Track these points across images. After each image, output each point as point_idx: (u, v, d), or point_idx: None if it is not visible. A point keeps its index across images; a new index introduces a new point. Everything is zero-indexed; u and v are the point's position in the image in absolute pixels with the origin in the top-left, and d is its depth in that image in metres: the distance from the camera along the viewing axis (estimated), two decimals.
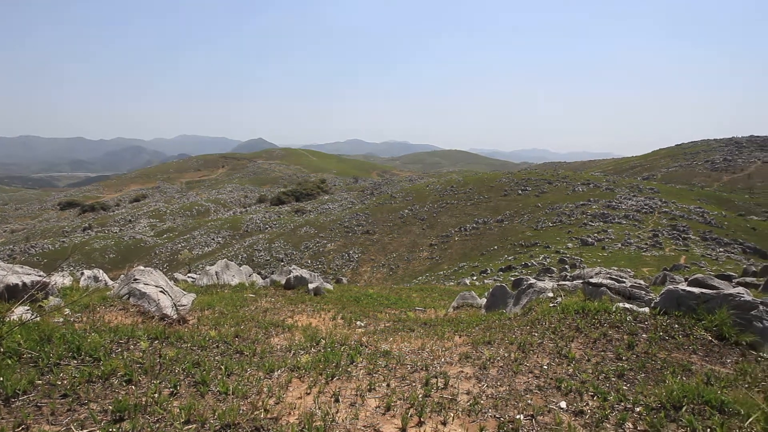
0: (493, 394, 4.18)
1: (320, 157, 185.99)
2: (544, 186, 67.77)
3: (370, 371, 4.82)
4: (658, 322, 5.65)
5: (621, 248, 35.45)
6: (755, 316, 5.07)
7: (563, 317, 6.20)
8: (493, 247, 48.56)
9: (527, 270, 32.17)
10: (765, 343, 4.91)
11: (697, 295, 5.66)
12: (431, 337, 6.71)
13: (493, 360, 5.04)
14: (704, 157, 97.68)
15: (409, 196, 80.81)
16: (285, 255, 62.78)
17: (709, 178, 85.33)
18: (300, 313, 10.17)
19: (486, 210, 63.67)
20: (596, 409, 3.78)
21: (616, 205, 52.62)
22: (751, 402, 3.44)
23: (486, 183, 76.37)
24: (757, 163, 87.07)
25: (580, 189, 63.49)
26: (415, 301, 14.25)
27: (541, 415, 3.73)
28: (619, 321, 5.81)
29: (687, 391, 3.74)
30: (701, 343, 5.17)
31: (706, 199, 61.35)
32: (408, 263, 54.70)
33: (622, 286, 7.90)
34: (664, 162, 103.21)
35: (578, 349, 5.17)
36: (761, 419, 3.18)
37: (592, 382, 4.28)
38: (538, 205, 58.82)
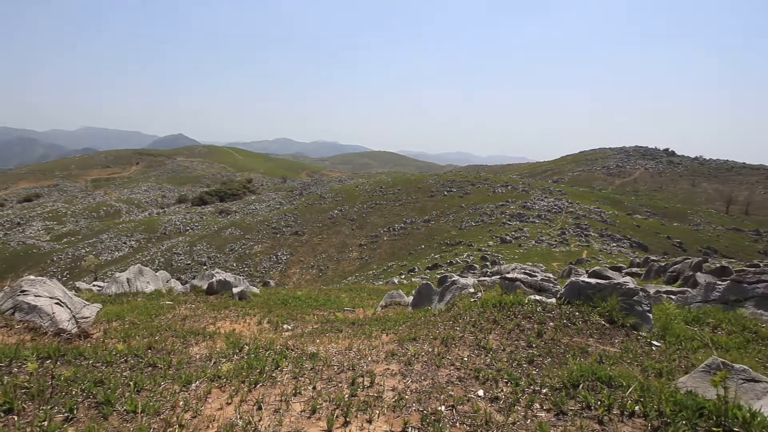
0: (417, 388, 4.33)
1: (247, 155, 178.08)
2: (468, 187, 71.48)
3: (295, 375, 4.73)
4: (563, 311, 6.25)
5: (535, 245, 38.61)
6: (636, 301, 5.83)
7: (482, 311, 6.60)
8: (421, 246, 50.16)
9: (452, 267, 33.71)
10: (644, 324, 5.67)
11: (594, 285, 6.36)
12: (359, 337, 6.76)
13: (418, 356, 5.22)
14: (602, 163, 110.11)
15: (338, 196, 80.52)
16: (208, 258, 59.14)
17: (605, 181, 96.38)
18: (223, 319, 9.66)
19: (414, 210, 65.56)
20: (509, 394, 4.08)
21: (531, 205, 57.18)
22: (631, 375, 3.96)
23: (414, 184, 78.63)
24: (641, 169, 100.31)
25: (500, 190, 67.97)
26: (344, 302, 14.25)
27: (461, 405, 3.94)
28: (531, 312, 6.32)
29: (583, 371, 4.19)
30: (596, 327, 5.82)
31: (603, 200, 69.13)
32: (338, 264, 54.48)
33: (533, 280, 8.61)
34: (570, 167, 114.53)
35: (495, 340, 5.55)
36: (637, 389, 3.68)
37: (507, 369, 4.61)
38: (462, 206, 61.91)
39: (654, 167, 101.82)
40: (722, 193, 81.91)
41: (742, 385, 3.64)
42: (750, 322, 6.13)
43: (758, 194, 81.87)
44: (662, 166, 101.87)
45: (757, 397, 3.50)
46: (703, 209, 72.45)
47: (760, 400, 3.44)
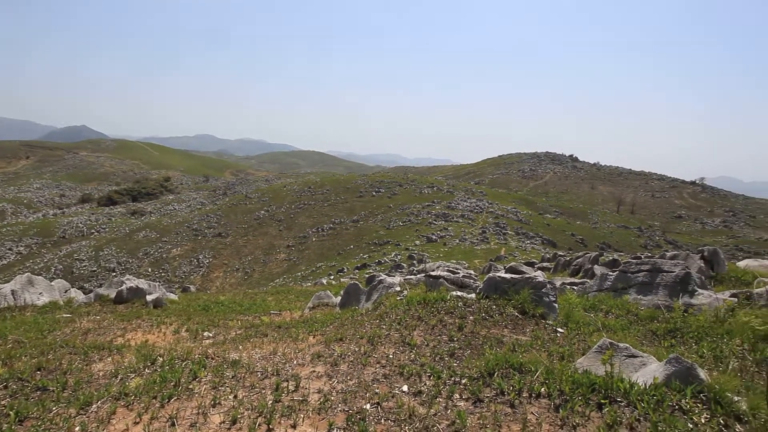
0: (343, 388, 4.34)
1: (163, 152, 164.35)
2: (396, 188, 73.05)
3: (215, 385, 4.49)
4: (482, 305, 6.66)
5: (458, 243, 40.60)
6: (545, 293, 6.41)
7: (408, 309, 6.81)
8: (350, 246, 50.24)
9: (381, 267, 34.23)
10: (551, 313, 6.26)
11: (509, 280, 6.87)
12: (285, 340, 6.61)
13: (345, 356, 5.24)
14: (517, 166, 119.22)
15: (265, 196, 77.73)
16: (118, 264, 53.68)
17: (521, 183, 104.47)
18: (134, 330, 8.85)
19: (342, 210, 65.46)
20: (432, 387, 4.26)
21: (455, 206, 60.02)
22: (538, 360, 4.36)
23: (343, 184, 78.51)
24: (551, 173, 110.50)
25: (426, 191, 70.41)
26: (271, 305, 13.81)
27: (386, 401, 4.03)
28: (453, 307, 6.65)
29: (498, 360, 4.51)
30: (511, 318, 6.30)
31: (519, 201, 74.81)
32: (264, 266, 52.60)
33: (456, 277, 9.05)
34: (490, 169, 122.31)
35: (419, 336, 5.75)
36: (543, 372, 4.07)
37: (430, 364, 4.81)
38: (390, 206, 63.12)
39: (561, 171, 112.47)
40: (614, 195, 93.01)
41: (624, 360, 4.18)
42: (632, 306, 7.05)
43: (640, 196, 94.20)
44: (568, 171, 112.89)
45: (636, 369, 4.04)
46: (599, 209, 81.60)
47: (638, 372, 3.98)
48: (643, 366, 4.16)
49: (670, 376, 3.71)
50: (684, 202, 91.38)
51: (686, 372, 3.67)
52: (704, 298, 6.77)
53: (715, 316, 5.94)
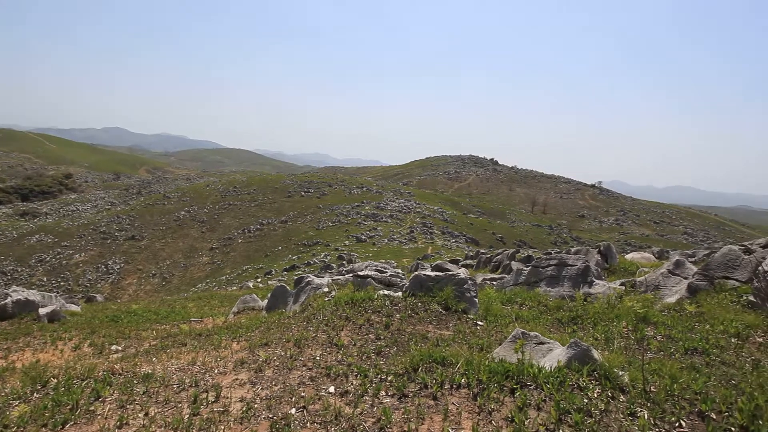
0: (267, 395, 4.21)
1: (63, 145, 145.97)
2: (325, 189, 72.40)
3: (122, 404, 4.10)
4: (408, 303, 6.86)
5: (387, 243, 41.34)
6: (466, 289, 6.78)
7: (335, 309, 6.80)
8: (278, 247, 48.82)
9: (310, 268, 33.71)
10: (472, 308, 6.63)
11: (433, 278, 7.15)
12: (205, 349, 6.24)
13: (270, 361, 5.08)
14: (443, 168, 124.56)
15: (186, 196, 72.60)
16: (2, 273, 46.65)
17: (446, 185, 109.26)
18: (22, 349, 7.79)
19: (270, 211, 63.38)
20: (359, 386, 4.30)
21: (384, 206, 61.00)
22: (459, 353, 4.60)
23: (270, 184, 76.03)
24: (474, 175, 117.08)
25: (356, 192, 70.68)
26: (191, 312, 12.95)
27: (312, 404, 3.99)
28: (380, 306, 6.77)
29: (423, 355, 4.68)
30: (435, 314, 6.57)
31: (445, 201, 78.15)
32: (185, 270, 49.14)
33: (383, 276, 9.21)
34: (418, 171, 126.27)
35: (347, 336, 5.77)
36: (464, 364, 4.31)
37: (357, 363, 4.84)
38: (320, 206, 62.40)
39: (483, 174, 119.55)
40: (529, 197, 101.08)
41: (534, 347, 4.57)
42: (543, 297, 7.74)
43: (551, 197, 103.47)
44: (489, 173, 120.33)
45: (543, 355, 4.44)
46: (516, 209, 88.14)
47: (545, 357, 4.38)
48: (550, 351, 4.57)
49: (571, 358, 4.13)
50: (586, 202, 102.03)
51: (584, 354, 4.11)
52: (600, 288, 7.63)
53: (607, 303, 6.73)
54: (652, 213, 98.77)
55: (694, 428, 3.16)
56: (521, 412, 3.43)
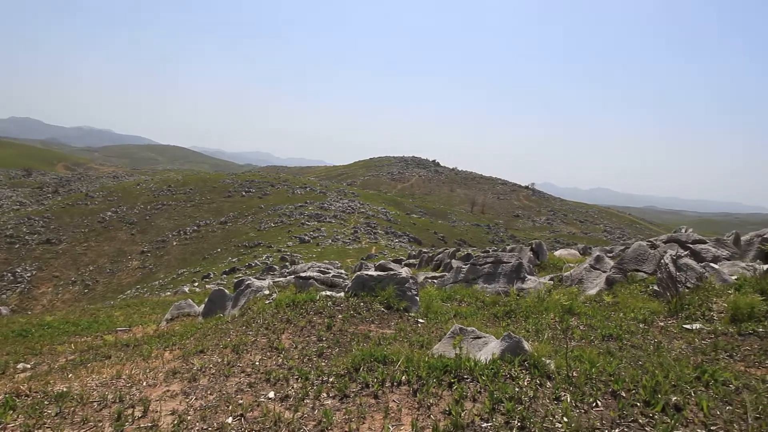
0: (202, 405, 4.01)
1: None
2: (267, 188, 70.31)
3: (29, 428, 3.69)
4: (350, 303, 6.87)
5: (331, 244, 41.02)
6: (408, 287, 6.93)
7: (276, 312, 6.64)
8: (217, 249, 46.63)
9: (251, 270, 32.58)
10: (413, 306, 6.79)
11: (375, 277, 7.22)
12: (133, 360, 5.81)
13: (205, 369, 4.85)
14: (387, 169, 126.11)
15: (113, 195, 66.95)
16: None
17: (390, 185, 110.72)
18: None
19: (209, 211, 60.36)
20: (299, 389, 4.23)
21: (328, 206, 60.46)
22: (400, 351, 4.70)
23: (209, 183, 72.42)
24: (416, 176, 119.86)
25: (299, 192, 69.40)
26: (118, 321, 11.98)
27: (251, 411, 3.86)
28: (322, 307, 6.71)
29: (365, 354, 4.71)
30: (377, 314, 6.63)
31: (388, 201, 79.10)
32: (111, 276, 45.31)
33: (326, 276, 9.14)
34: (362, 171, 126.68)
35: (288, 339, 5.66)
36: (404, 362, 4.40)
37: (298, 366, 4.77)
38: (262, 207, 60.49)
39: (425, 175, 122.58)
40: (469, 197, 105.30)
41: (471, 342, 4.78)
42: (480, 294, 8.11)
43: (489, 198, 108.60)
44: (431, 174, 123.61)
45: (480, 348, 4.67)
46: (457, 210, 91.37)
47: (481, 351, 4.60)
48: (486, 345, 4.81)
49: (504, 350, 4.37)
50: (521, 203, 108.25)
51: (516, 346, 4.37)
52: (532, 283, 8.14)
53: (538, 297, 7.21)
54: (577, 213, 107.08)
55: (608, 406, 3.48)
56: (458, 405, 3.57)
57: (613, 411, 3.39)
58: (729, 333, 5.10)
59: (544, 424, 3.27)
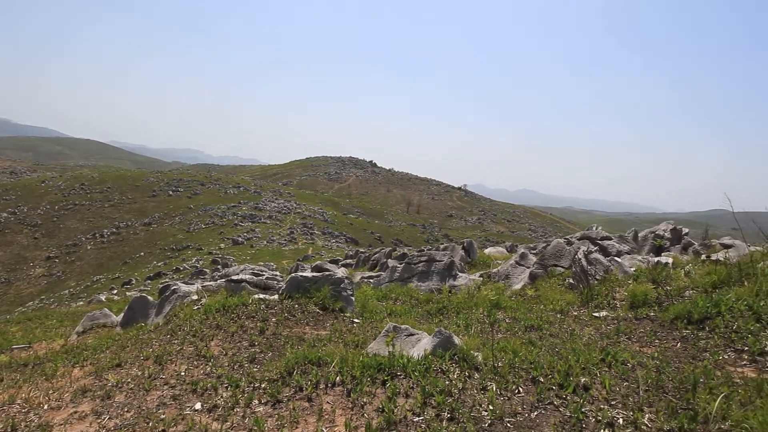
0: (116, 425, 3.69)
1: None
2: (197, 188, 66.43)
3: None
4: (284, 306, 6.71)
5: (266, 245, 39.75)
6: (343, 288, 6.92)
7: (205, 318, 6.30)
8: (140, 253, 43.13)
9: (179, 275, 30.59)
10: (348, 306, 6.80)
11: (310, 279, 7.12)
12: (32, 381, 5.18)
13: (122, 384, 4.47)
14: (324, 169, 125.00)
15: (11, 194, 59.15)
16: None
17: (327, 186, 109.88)
18: None
19: (130, 212, 55.62)
20: (229, 398, 4.05)
21: (262, 206, 58.51)
22: (335, 352, 4.68)
23: (130, 182, 66.75)
24: (353, 176, 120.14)
25: (232, 192, 66.38)
26: (15, 338, 10.61)
27: (174, 426, 3.63)
28: (255, 311, 6.48)
29: (298, 357, 4.63)
30: (312, 315, 6.55)
31: (325, 202, 78.40)
32: (8, 286, 40.04)
33: (260, 279, 8.84)
34: (298, 171, 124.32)
35: (217, 347, 5.39)
36: (338, 362, 4.40)
37: (228, 374, 4.56)
38: (191, 207, 57.00)
39: (362, 175, 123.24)
40: (405, 198, 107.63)
41: (405, 339, 4.90)
42: (415, 292, 8.33)
43: (424, 198, 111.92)
44: (368, 175, 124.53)
45: (413, 345, 4.80)
46: (393, 210, 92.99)
47: (414, 347, 4.73)
48: (419, 341, 4.95)
49: (436, 346, 4.53)
50: (454, 203, 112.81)
51: (446, 341, 4.55)
52: (463, 280, 8.52)
53: (468, 293, 7.56)
54: (505, 212, 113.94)
55: (528, 392, 3.75)
56: (391, 401, 3.64)
57: (532, 396, 3.66)
58: (628, 318, 5.75)
59: (471, 413, 3.44)
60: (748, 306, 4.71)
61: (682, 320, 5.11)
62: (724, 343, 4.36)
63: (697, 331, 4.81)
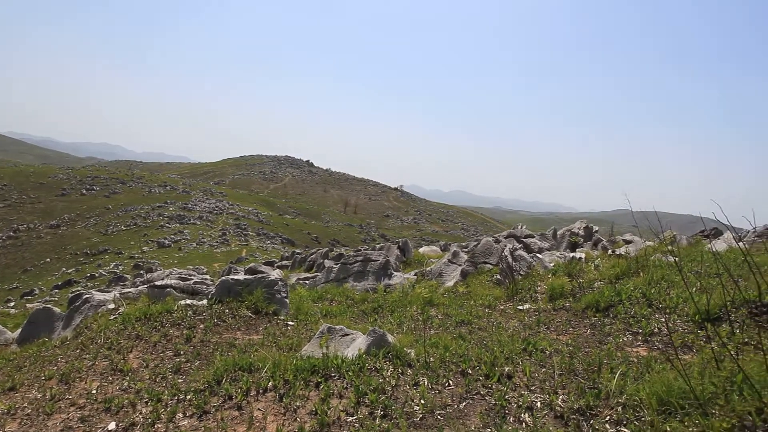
0: None
1: None
2: (117, 186, 60.93)
3: None
4: (214, 311, 6.38)
5: (196, 247, 37.49)
6: (277, 290, 6.74)
7: (123, 328, 5.81)
8: (45, 259, 38.57)
9: (95, 282, 27.84)
10: (282, 309, 6.64)
11: (242, 282, 6.85)
12: None
13: (15, 410, 3.97)
14: (259, 168, 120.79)
15: None
16: None
17: (262, 185, 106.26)
18: None
19: (33, 213, 49.51)
20: (149, 414, 3.77)
21: (192, 207, 55.10)
22: (267, 356, 4.54)
23: (33, 178, 59.44)
24: (290, 176, 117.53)
25: (158, 191, 61.77)
26: None
27: None
28: (181, 318, 6.10)
29: (228, 364, 4.43)
30: (244, 320, 6.30)
31: (260, 202, 75.80)
32: None
33: (187, 284, 8.33)
34: (231, 170, 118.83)
35: (137, 359, 4.99)
36: (271, 367, 4.28)
37: (148, 388, 4.24)
38: (109, 207, 52.14)
39: (299, 175, 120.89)
40: (342, 198, 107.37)
41: (340, 339, 4.89)
42: (350, 292, 8.34)
43: (361, 199, 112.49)
44: (305, 175, 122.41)
45: (347, 345, 4.80)
46: (330, 210, 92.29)
47: (349, 347, 4.73)
48: (353, 341, 4.96)
49: (370, 345, 4.57)
50: (390, 204, 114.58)
51: (380, 339, 4.61)
52: (398, 279, 8.69)
53: (402, 291, 7.73)
54: (440, 212, 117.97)
55: (457, 384, 3.92)
56: (324, 403, 3.61)
57: (461, 387, 3.83)
58: (547, 309, 6.24)
59: (404, 409, 3.52)
60: (643, 293, 5.33)
61: (591, 309, 5.65)
62: (624, 327, 4.89)
63: (603, 317, 5.36)
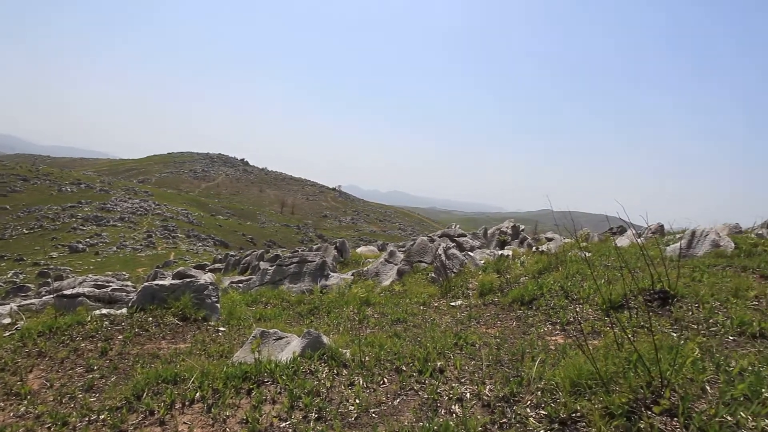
0: None
1: None
2: (17, 183, 53.99)
3: None
4: (134, 320, 5.90)
5: (116, 251, 34.39)
6: (207, 295, 6.40)
7: (21, 345, 5.17)
8: None
9: None
10: (213, 314, 6.31)
11: (167, 287, 6.40)
12: None
13: None
14: (189, 166, 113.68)
15: None
16: None
17: (192, 184, 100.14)
18: None
19: None
20: None
21: (112, 207, 50.46)
22: (195, 366, 4.28)
23: None
24: (223, 175, 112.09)
25: (69, 189, 55.71)
26: None
27: None
28: (95, 329, 5.57)
29: (150, 377, 4.11)
30: (170, 328, 5.89)
31: (191, 202, 71.37)
32: None
33: (103, 292, 7.64)
34: (158, 167, 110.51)
35: (38, 379, 4.46)
36: (198, 377, 4.04)
37: (51, 411, 3.80)
38: (7, 207, 46.03)
39: (233, 174, 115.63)
40: (279, 198, 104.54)
41: (273, 343, 4.75)
42: (286, 294, 8.15)
43: (299, 199, 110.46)
44: (239, 174, 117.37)
45: (282, 349, 4.68)
46: (267, 210, 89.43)
47: (284, 351, 4.62)
48: (288, 344, 4.85)
49: (305, 347, 4.50)
50: (328, 204, 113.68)
51: (315, 341, 4.56)
52: (334, 279, 8.64)
53: (339, 292, 7.70)
54: (378, 213, 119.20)
55: (392, 381, 3.99)
56: (256, 410, 3.49)
57: (395, 384, 3.90)
58: (478, 305, 6.56)
59: (339, 409, 3.51)
60: (561, 287, 5.81)
61: (517, 302, 6.04)
62: (545, 318, 5.29)
63: (528, 310, 5.75)
